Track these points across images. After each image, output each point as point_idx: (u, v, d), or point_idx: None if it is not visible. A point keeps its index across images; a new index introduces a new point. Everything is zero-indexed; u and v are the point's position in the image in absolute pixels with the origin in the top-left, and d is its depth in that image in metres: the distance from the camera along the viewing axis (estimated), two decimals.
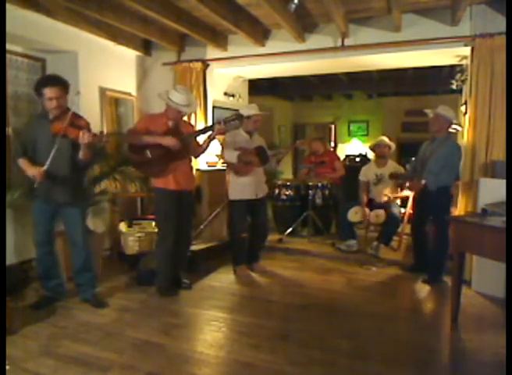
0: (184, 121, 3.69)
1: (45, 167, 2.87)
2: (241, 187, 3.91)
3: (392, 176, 4.47)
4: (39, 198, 3.06)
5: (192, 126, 3.91)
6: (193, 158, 3.66)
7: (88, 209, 3.42)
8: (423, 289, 3.75)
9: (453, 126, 3.84)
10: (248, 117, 3.88)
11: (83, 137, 2.82)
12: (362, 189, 4.92)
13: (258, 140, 4.07)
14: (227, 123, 3.40)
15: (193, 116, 4.80)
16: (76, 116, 3.03)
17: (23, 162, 2.98)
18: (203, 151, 3.60)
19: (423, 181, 3.71)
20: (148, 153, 3.30)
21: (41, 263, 3.20)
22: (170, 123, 3.40)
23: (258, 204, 4.00)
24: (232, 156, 3.81)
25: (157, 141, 3.28)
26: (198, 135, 3.52)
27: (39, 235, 3.14)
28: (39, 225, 3.14)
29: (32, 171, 2.91)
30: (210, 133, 3.49)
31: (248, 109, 3.93)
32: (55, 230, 3.26)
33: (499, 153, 3.67)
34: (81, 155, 2.94)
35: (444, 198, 3.76)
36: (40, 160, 2.93)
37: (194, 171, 3.94)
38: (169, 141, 3.27)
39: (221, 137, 4.10)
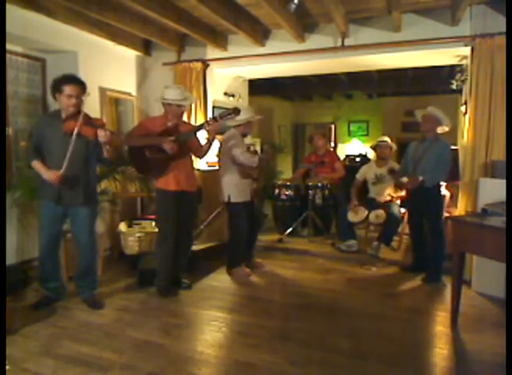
0: (184, 122, 3.68)
1: (62, 171, 2.84)
2: (241, 190, 3.92)
3: (391, 171, 4.47)
4: (50, 199, 3.01)
5: (192, 126, 3.90)
6: (194, 159, 3.66)
7: (97, 210, 3.37)
8: (423, 289, 3.75)
9: (441, 126, 3.88)
10: (249, 121, 3.90)
11: (101, 136, 2.83)
12: (355, 187, 4.95)
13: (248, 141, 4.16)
14: (223, 117, 3.38)
15: (193, 116, 4.80)
16: (90, 117, 3.02)
17: (37, 165, 2.94)
18: (206, 152, 3.56)
19: (420, 177, 3.74)
20: (148, 155, 3.30)
21: (43, 265, 3.18)
22: (169, 124, 3.39)
23: (251, 205, 4.05)
24: (253, 159, 3.83)
25: (154, 143, 3.27)
26: (195, 132, 3.48)
27: (45, 236, 3.09)
28: (46, 226, 3.09)
29: (49, 176, 2.87)
30: (208, 131, 3.43)
31: (246, 114, 3.88)
32: (62, 232, 3.24)
33: (499, 153, 3.67)
34: (105, 153, 2.94)
35: (438, 195, 3.89)
36: (53, 160, 2.91)
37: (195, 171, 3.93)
38: (168, 146, 3.23)
39: (220, 137, 4.11)
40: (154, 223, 4.22)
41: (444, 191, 4.32)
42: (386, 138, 4.99)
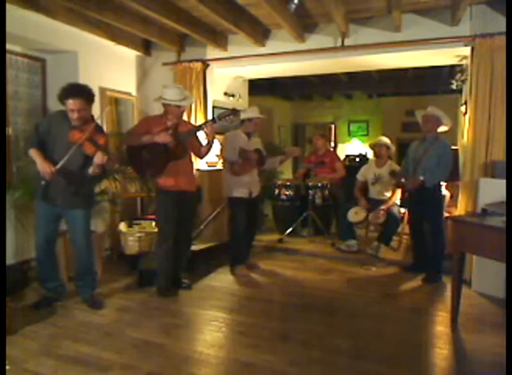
0: (184, 121, 3.68)
1: (58, 166, 2.86)
2: (237, 186, 3.93)
3: (393, 174, 4.47)
4: (44, 200, 3.03)
5: (192, 125, 3.90)
6: (193, 159, 3.66)
7: (92, 211, 3.39)
8: (423, 289, 3.75)
9: (442, 125, 3.89)
10: (249, 119, 3.94)
11: (98, 158, 2.86)
12: (358, 188, 4.94)
13: (256, 142, 4.12)
14: (222, 119, 3.38)
15: (193, 116, 4.80)
16: (98, 130, 3.03)
17: (35, 153, 2.92)
18: (207, 153, 3.57)
19: (421, 177, 3.74)
20: (146, 156, 3.30)
21: (41, 265, 3.19)
22: (169, 123, 3.39)
23: (253, 203, 4.04)
24: (233, 154, 3.85)
25: (151, 140, 3.27)
26: (194, 133, 3.47)
27: (41, 237, 3.11)
28: (41, 226, 3.11)
29: (44, 167, 2.86)
30: (206, 133, 3.42)
31: (250, 112, 4.01)
32: (57, 232, 3.25)
33: (499, 153, 3.67)
34: (91, 170, 2.95)
35: (438, 195, 3.90)
36: (53, 157, 2.92)
37: (194, 171, 3.93)
38: (162, 138, 3.23)
39: (220, 136, 4.12)
40: (154, 223, 4.23)
41: (444, 191, 4.33)
42: (383, 138, 5.00)
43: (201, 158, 3.68)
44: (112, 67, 4.66)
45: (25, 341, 2.68)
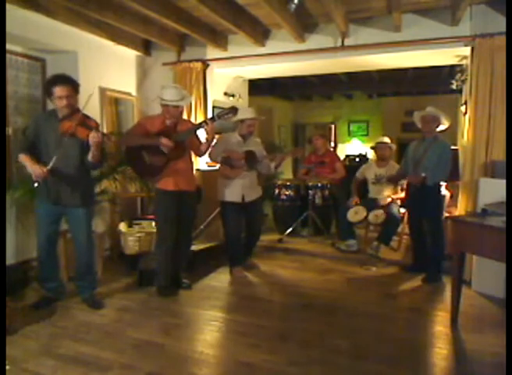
0: (184, 120, 3.68)
1: (49, 167, 2.84)
2: (228, 189, 3.89)
3: (391, 179, 4.47)
4: (45, 199, 3.03)
5: (192, 123, 3.90)
6: (193, 159, 3.66)
7: (94, 210, 3.38)
8: (423, 289, 3.75)
9: (442, 124, 3.89)
10: (242, 121, 3.86)
11: (93, 137, 2.80)
12: (354, 184, 4.96)
13: (254, 144, 4.01)
14: (221, 117, 3.36)
15: (193, 115, 4.80)
16: (86, 117, 3.01)
17: (24, 158, 2.91)
18: (205, 151, 3.56)
19: (423, 174, 3.74)
20: (145, 156, 3.30)
21: (42, 265, 3.19)
22: (168, 123, 3.39)
23: (249, 207, 3.96)
24: (217, 156, 3.82)
25: (151, 142, 3.27)
26: (193, 132, 3.46)
27: (43, 237, 3.11)
28: (43, 227, 3.10)
29: (35, 168, 2.85)
30: (206, 131, 3.40)
31: (243, 113, 3.84)
32: (58, 231, 3.25)
33: (499, 153, 3.67)
34: (90, 156, 2.92)
35: (438, 195, 3.90)
36: (48, 156, 2.90)
37: (194, 171, 3.93)
38: (163, 141, 3.24)
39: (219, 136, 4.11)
40: (154, 223, 4.23)
41: (444, 191, 4.34)
42: (385, 139, 5.00)
43: (200, 156, 3.68)
44: (111, 67, 4.66)
45: (25, 341, 2.68)
